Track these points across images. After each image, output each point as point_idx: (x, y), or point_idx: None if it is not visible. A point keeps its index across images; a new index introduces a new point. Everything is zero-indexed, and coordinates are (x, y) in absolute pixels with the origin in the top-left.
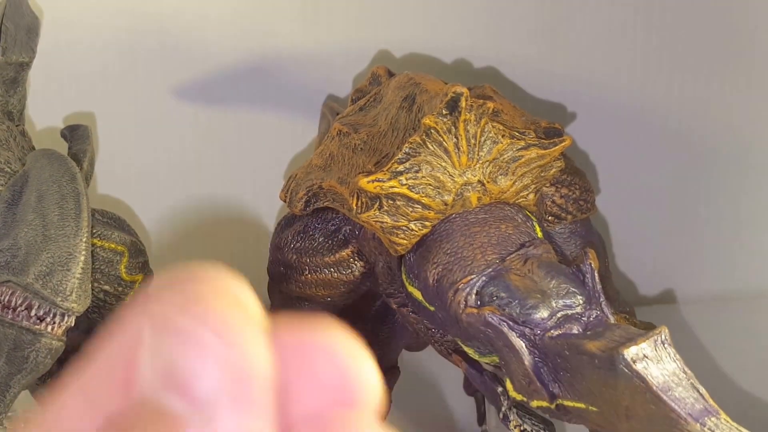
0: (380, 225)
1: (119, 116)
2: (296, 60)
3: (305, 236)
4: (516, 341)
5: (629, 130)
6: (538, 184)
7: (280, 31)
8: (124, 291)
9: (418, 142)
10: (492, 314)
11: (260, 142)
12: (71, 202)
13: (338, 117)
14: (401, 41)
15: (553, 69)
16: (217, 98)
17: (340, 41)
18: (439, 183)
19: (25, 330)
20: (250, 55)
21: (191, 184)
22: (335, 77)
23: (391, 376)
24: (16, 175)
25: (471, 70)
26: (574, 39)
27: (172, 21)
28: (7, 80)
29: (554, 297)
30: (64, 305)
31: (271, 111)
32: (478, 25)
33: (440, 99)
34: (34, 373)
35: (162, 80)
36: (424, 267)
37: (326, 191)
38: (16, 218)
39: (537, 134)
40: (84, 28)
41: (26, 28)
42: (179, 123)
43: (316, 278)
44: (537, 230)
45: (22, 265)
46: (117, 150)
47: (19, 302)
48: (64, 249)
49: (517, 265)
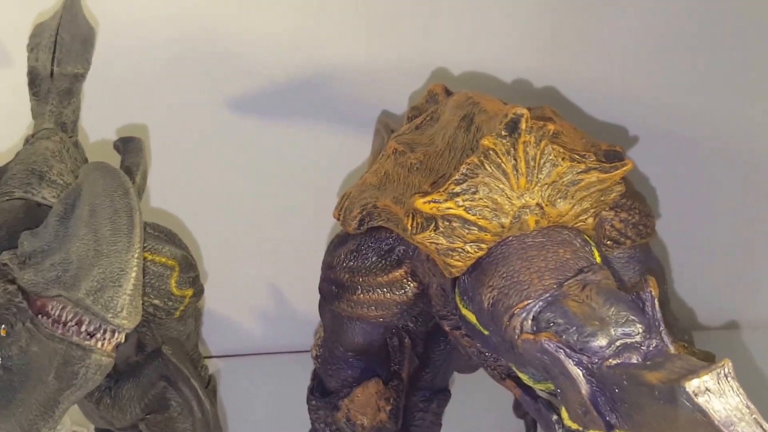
0: (435, 246)
1: (172, 129)
2: (351, 75)
3: (358, 255)
4: (573, 369)
5: (690, 154)
6: (597, 208)
7: (337, 45)
8: (174, 305)
9: (476, 163)
10: (549, 341)
11: (313, 157)
12: (124, 218)
13: (394, 135)
14: (459, 59)
15: (613, 91)
16: (271, 112)
17: (396, 57)
18: (497, 205)
19: (75, 345)
20: (304, 68)
21: (243, 199)
22: (390, 93)
23: (441, 398)
24: (69, 188)
25: (530, 89)
26: (634, 61)
27: (226, 33)
28: (61, 91)
29: (613, 325)
30: (114, 321)
31: (324, 126)
32: (538, 45)
33: (500, 120)
34: (83, 389)
35: (215, 93)
36: (479, 290)
37: (381, 210)
38: (68, 232)
39: (597, 157)
40: (138, 40)
41: (82, 39)
42: (232, 137)
43: (368, 298)
44: (595, 255)
45: (74, 280)
46: (169, 163)
47: (70, 317)
48: (116, 265)
49: (575, 291)
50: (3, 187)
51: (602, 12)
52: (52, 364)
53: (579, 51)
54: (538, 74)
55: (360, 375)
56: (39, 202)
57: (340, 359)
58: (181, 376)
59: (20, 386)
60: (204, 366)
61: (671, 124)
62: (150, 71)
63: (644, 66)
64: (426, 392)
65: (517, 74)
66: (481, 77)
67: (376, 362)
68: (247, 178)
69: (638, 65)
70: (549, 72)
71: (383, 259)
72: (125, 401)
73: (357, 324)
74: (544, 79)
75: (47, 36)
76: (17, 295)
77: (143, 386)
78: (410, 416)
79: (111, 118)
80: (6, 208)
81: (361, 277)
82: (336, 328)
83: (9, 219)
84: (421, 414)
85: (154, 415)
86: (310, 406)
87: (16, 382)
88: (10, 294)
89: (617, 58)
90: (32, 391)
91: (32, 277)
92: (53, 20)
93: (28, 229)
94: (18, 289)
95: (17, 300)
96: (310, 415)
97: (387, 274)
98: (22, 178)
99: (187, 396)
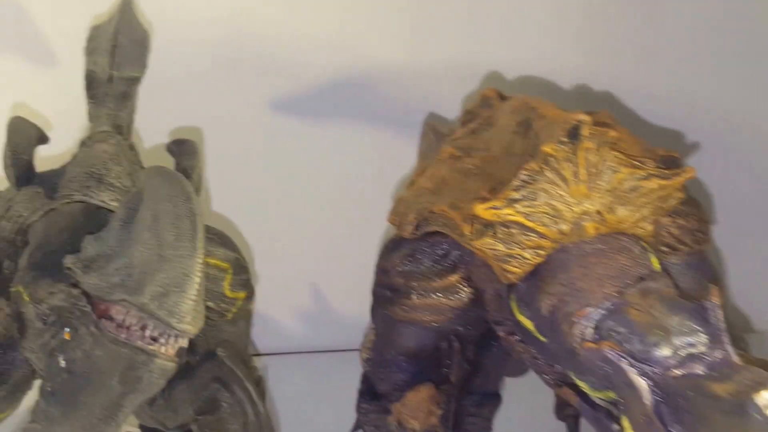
0: (493, 252)
1: (224, 132)
2: (401, 77)
3: (413, 260)
4: (636, 379)
5: (748, 160)
6: (656, 214)
7: (387, 46)
8: (227, 307)
9: (535, 169)
10: (611, 350)
11: (362, 159)
12: (187, 223)
13: (449, 140)
14: (510, 63)
15: (668, 95)
16: (321, 113)
17: (446, 59)
18: (556, 212)
19: (139, 350)
20: (354, 70)
21: (295, 202)
22: (439, 96)
23: (492, 403)
24: (131, 193)
25: (584, 93)
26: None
27: (277, 35)
28: (118, 95)
29: (676, 334)
30: (178, 327)
31: (373, 128)
32: (592, 48)
33: (560, 126)
34: (146, 393)
35: (267, 96)
36: (538, 297)
37: (437, 216)
38: (131, 237)
39: (656, 163)
40: (188, 43)
41: (138, 43)
42: (283, 139)
43: (422, 303)
44: (654, 262)
45: (138, 285)
46: (221, 165)
47: (134, 322)
48: (180, 270)
49: (636, 299)
50: (62, 190)
51: (658, 14)
52: (116, 369)
53: (634, 54)
54: (593, 78)
55: (411, 379)
56: (98, 205)
57: (391, 363)
58: (235, 378)
59: (83, 389)
60: (254, 367)
61: (727, 128)
62: (201, 74)
63: (700, 69)
64: (477, 396)
65: (570, 78)
66: (534, 81)
67: (428, 366)
68: (297, 179)
69: (694, 69)
70: (603, 76)
71: (438, 263)
72: (178, 402)
73: (410, 328)
74: (599, 83)
75: (105, 40)
76: (81, 299)
77: (196, 388)
78: (461, 420)
79: (163, 120)
80: (66, 212)
81: (415, 281)
82: (388, 331)
83: (70, 222)
84: (472, 418)
85: (205, 416)
86: (360, 409)
87: (80, 385)
88: (75, 298)
89: (673, 62)
90: (95, 395)
91: (96, 282)
92: (110, 24)
93: (88, 233)
94: (82, 293)
95: (81, 304)
96: (360, 418)
97: (442, 279)
98: (81, 181)
99: (241, 398)
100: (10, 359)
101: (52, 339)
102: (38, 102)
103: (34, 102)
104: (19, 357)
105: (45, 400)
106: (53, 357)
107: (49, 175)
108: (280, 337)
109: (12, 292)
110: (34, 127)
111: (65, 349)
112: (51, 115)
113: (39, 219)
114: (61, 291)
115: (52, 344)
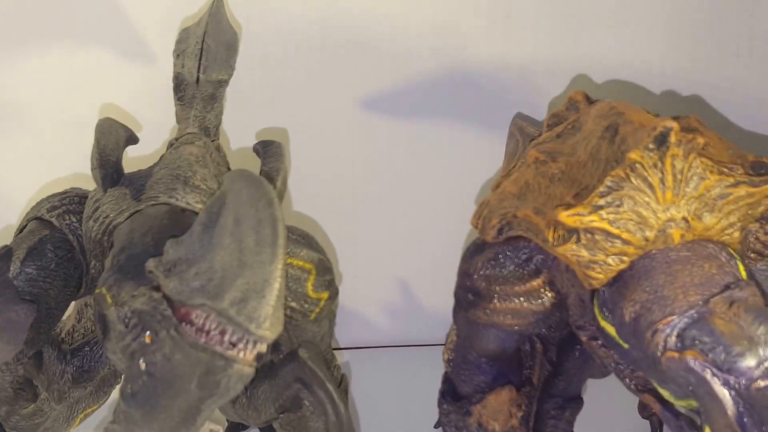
0: (577, 258)
1: (311, 132)
2: (490, 74)
3: (496, 264)
4: (720, 390)
5: None
6: (744, 221)
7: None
8: (310, 308)
9: (621, 176)
10: (695, 359)
11: (449, 158)
12: (268, 228)
13: (534, 143)
14: (600, 66)
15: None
16: (407, 113)
17: (538, 59)
18: (641, 218)
19: (218, 355)
20: (442, 68)
21: (380, 202)
22: (529, 95)
23: (574, 406)
24: (213, 197)
25: (673, 98)
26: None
27: (364, 36)
28: (205, 96)
29: (762, 345)
30: (257, 333)
31: (460, 127)
32: (681, 52)
33: (647, 132)
34: (224, 398)
35: (353, 96)
36: (621, 303)
37: (520, 220)
38: (212, 241)
39: (745, 169)
40: (279, 44)
41: (226, 45)
42: (369, 139)
43: (505, 306)
44: (741, 270)
45: (218, 290)
46: (307, 165)
47: (213, 326)
48: (260, 276)
49: (721, 308)
50: (148, 191)
51: (750, 16)
52: (194, 373)
53: (725, 57)
54: (682, 82)
55: (492, 381)
56: (183, 207)
57: (473, 364)
58: (317, 379)
59: (163, 393)
60: (336, 366)
61: None
62: (289, 73)
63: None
64: (559, 399)
65: (659, 81)
66: (623, 85)
67: (509, 368)
68: (383, 179)
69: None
70: (693, 79)
71: (521, 268)
72: (260, 401)
73: (492, 331)
74: (688, 88)
75: (193, 43)
76: (162, 303)
77: (278, 387)
78: (542, 423)
79: (250, 121)
80: (151, 214)
81: (498, 285)
82: (470, 334)
83: (154, 225)
84: (554, 421)
85: (287, 415)
86: (441, 409)
87: (160, 388)
88: (156, 302)
89: (765, 64)
90: (175, 398)
91: (177, 286)
92: (199, 27)
93: (172, 235)
94: (163, 296)
95: (162, 307)
96: (441, 419)
97: (524, 284)
98: (167, 183)
99: (322, 398)
100: (97, 356)
101: (134, 342)
102: (128, 103)
103: (123, 103)
104: (105, 354)
105: (125, 401)
106: (134, 359)
107: (136, 176)
108: (365, 332)
109: (95, 294)
110: (123, 128)
111: (146, 352)
112: (140, 116)
113: (124, 220)
114: (143, 294)
115: (133, 347)
